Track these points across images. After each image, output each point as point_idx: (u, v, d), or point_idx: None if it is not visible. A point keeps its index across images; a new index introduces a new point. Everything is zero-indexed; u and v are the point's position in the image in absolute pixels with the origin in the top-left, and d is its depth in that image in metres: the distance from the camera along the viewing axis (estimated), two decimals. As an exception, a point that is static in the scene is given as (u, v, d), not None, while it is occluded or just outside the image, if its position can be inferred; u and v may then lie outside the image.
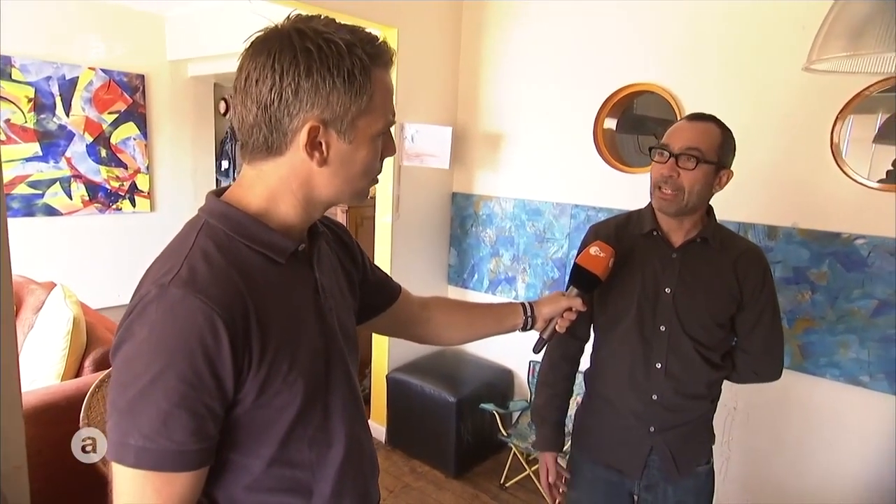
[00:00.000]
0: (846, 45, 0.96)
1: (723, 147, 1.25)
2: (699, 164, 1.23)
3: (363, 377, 3.38)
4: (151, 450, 0.66)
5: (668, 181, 1.25)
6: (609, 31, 2.53)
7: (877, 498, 2.09)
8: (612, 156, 2.63)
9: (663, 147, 1.27)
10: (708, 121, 1.27)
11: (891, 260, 1.99)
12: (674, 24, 2.36)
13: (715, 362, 1.36)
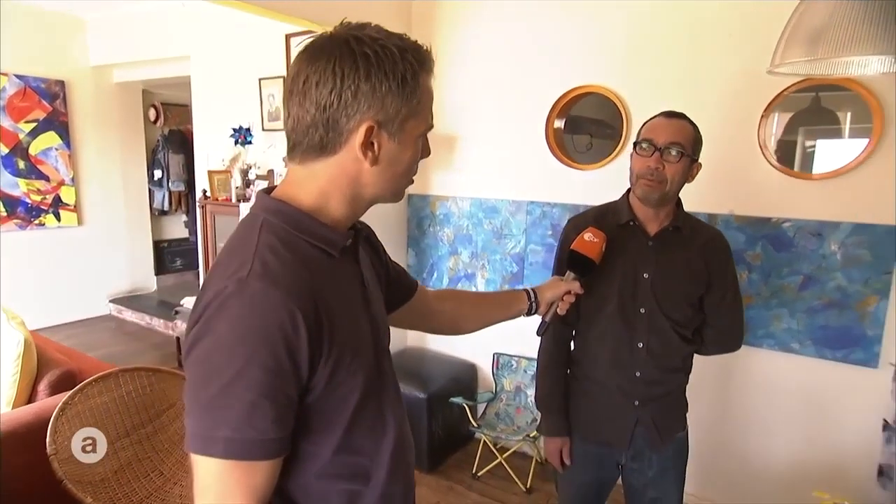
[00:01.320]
0: (801, 51, 1.08)
1: (696, 142, 1.37)
2: (682, 158, 1.33)
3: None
4: (238, 440, 0.67)
5: (654, 173, 1.35)
6: (557, 36, 2.65)
7: (808, 448, 2.32)
8: (563, 154, 2.75)
9: (647, 141, 1.36)
10: (682, 118, 1.39)
11: (812, 239, 2.23)
12: (617, 30, 2.51)
13: (688, 338, 1.48)
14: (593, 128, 3.23)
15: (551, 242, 2.82)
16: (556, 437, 1.57)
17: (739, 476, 2.45)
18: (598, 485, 1.60)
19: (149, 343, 4.74)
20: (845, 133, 2.32)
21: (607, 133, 3.32)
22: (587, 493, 1.60)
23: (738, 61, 2.27)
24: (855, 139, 2.21)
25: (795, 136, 2.36)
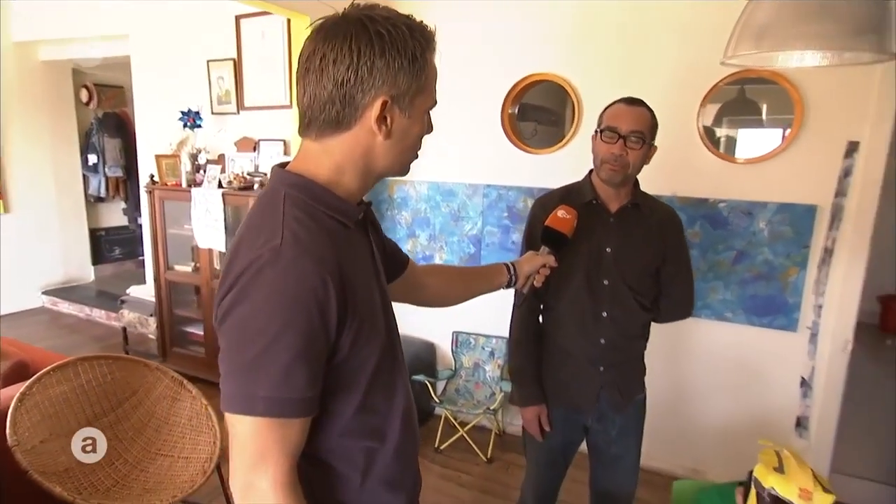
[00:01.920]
0: (751, 44, 1.20)
1: (654, 128, 1.49)
2: (643, 145, 1.44)
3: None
4: (277, 399, 0.71)
5: (618, 159, 1.45)
6: (512, 25, 2.72)
7: (739, 405, 2.55)
8: (518, 139, 2.84)
9: (612, 129, 1.46)
10: (642, 105, 1.49)
11: (744, 218, 2.43)
12: (568, 21, 2.62)
13: (647, 307, 1.61)
14: (539, 115, 3.34)
15: (507, 224, 2.92)
16: (534, 405, 1.64)
17: (682, 435, 2.65)
18: (564, 447, 1.70)
19: (89, 335, 4.51)
20: (765, 122, 2.53)
21: (552, 120, 3.45)
22: (555, 455, 1.71)
23: (680, 55, 2.43)
24: (773, 129, 2.42)
25: (723, 124, 2.56)
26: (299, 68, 0.80)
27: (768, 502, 1.22)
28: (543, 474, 1.74)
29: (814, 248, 2.34)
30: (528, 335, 1.66)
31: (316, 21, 0.80)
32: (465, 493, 2.55)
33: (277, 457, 0.72)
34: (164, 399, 2.24)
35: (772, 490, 1.21)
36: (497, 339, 2.98)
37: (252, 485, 0.72)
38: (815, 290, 2.36)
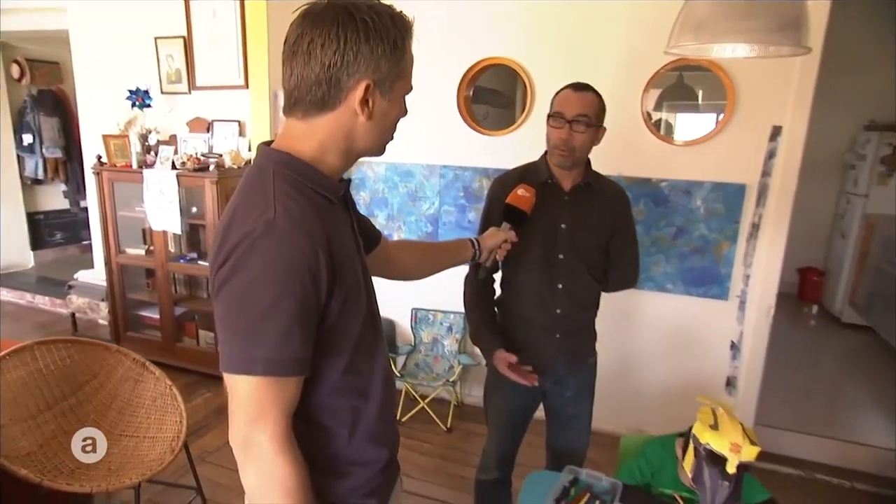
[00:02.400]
0: (690, 37, 1.31)
1: (601, 111, 1.58)
2: (589, 128, 1.53)
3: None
4: (275, 359, 0.76)
5: (565, 144, 1.54)
6: (468, 9, 2.77)
7: (677, 368, 2.76)
8: (473, 121, 2.91)
9: (558, 115, 1.55)
10: (589, 90, 1.58)
11: (682, 196, 2.61)
12: (522, 6, 2.69)
13: (598, 278, 1.72)
14: (491, 98, 3.42)
15: (463, 203, 3.00)
16: (497, 348, 1.67)
17: (628, 398, 2.84)
18: (523, 409, 1.82)
19: (32, 323, 4.31)
20: (701, 108, 2.70)
21: (503, 102, 3.53)
22: (515, 417, 1.82)
23: (625, 43, 2.55)
24: (708, 113, 2.60)
25: (664, 109, 2.72)
26: (285, 51, 0.83)
27: (704, 456, 1.36)
28: (504, 437, 1.85)
29: (743, 223, 2.54)
30: (481, 297, 1.74)
31: (302, 6, 0.83)
32: (427, 461, 2.66)
33: (275, 413, 0.78)
34: (127, 381, 2.22)
35: (707, 445, 1.35)
36: (455, 314, 3.08)
37: (251, 440, 0.78)
38: (743, 262, 2.57)
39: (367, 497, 0.94)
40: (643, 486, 1.53)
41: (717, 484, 1.33)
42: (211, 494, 2.26)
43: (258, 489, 0.79)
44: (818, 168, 4.76)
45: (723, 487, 1.32)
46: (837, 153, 4.81)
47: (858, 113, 4.60)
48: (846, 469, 2.63)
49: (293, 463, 0.78)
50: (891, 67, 4.49)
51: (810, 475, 2.61)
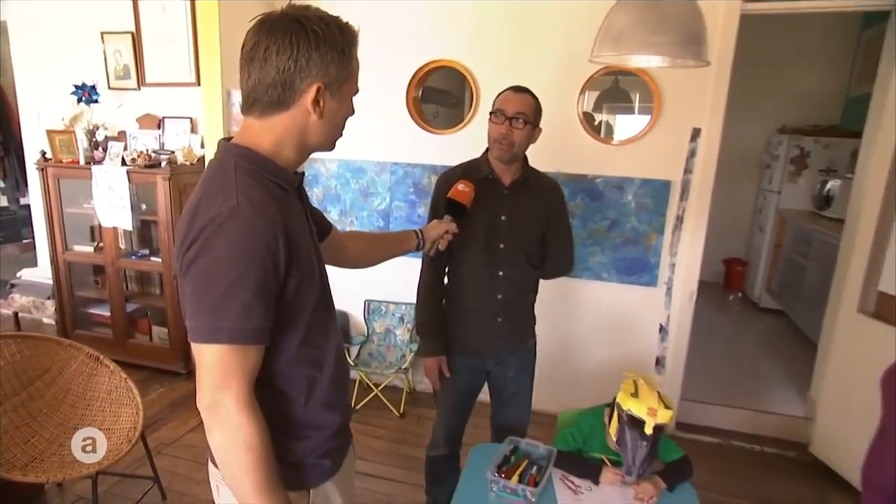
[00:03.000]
0: (610, 47, 1.45)
1: (537, 112, 1.71)
2: (526, 125, 1.66)
3: (203, 340, 3.29)
4: (239, 329, 0.84)
5: (505, 138, 1.66)
6: (417, 12, 2.86)
7: (613, 351, 2.95)
8: (422, 120, 3.01)
9: (500, 112, 1.67)
10: (527, 92, 1.70)
11: (616, 191, 2.79)
12: (467, 11, 2.80)
13: (536, 265, 1.85)
14: (441, 98, 3.52)
15: (413, 199, 3.10)
16: (434, 356, 1.85)
17: (566, 379, 3.01)
18: (469, 389, 1.93)
19: (-31, 324, 4.11)
20: (636, 109, 2.89)
21: (452, 103, 3.65)
22: (462, 397, 1.93)
23: (561, 48, 2.71)
24: (642, 115, 2.79)
25: (603, 110, 2.90)
26: (243, 56, 0.91)
27: (626, 421, 1.51)
28: (452, 416, 1.96)
29: (669, 216, 2.74)
30: (432, 295, 1.85)
31: (257, 16, 0.91)
32: (381, 444, 2.74)
33: (239, 378, 0.85)
34: (80, 375, 2.20)
35: (629, 411, 1.50)
36: (406, 305, 3.17)
37: (218, 402, 0.85)
38: (669, 252, 2.78)
39: (322, 457, 1.03)
40: (576, 451, 1.67)
41: (638, 444, 1.48)
42: (168, 484, 2.28)
43: (224, 447, 0.86)
44: (739, 167, 5.13)
45: (642, 447, 1.48)
46: (756, 153, 5.18)
47: (773, 117, 4.98)
48: (758, 435, 2.89)
49: (255, 423, 0.86)
50: (799, 77, 4.89)
51: (727, 442, 2.85)
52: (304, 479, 1.01)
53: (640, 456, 1.48)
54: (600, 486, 1.55)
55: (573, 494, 1.52)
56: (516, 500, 1.47)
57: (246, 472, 0.85)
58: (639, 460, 1.48)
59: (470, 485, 1.56)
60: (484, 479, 1.51)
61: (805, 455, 2.73)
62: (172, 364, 3.21)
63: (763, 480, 2.56)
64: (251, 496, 0.85)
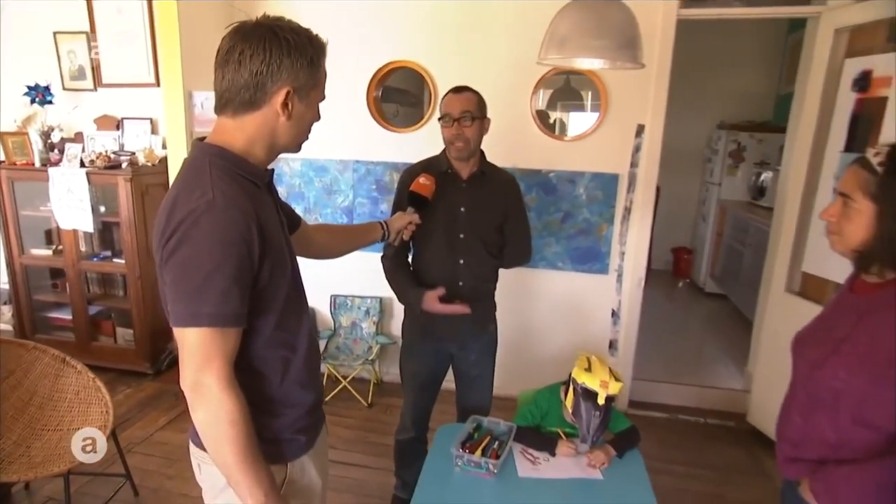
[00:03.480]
0: (555, 50, 1.55)
1: (481, 105, 1.79)
2: (474, 121, 1.74)
3: (169, 339, 3.26)
4: (218, 314, 0.89)
5: (458, 138, 1.74)
6: (376, 14, 2.91)
7: (569, 336, 3.08)
8: (382, 119, 3.06)
9: (446, 115, 1.75)
10: (467, 90, 1.79)
11: (568, 185, 2.92)
12: (423, 13, 2.87)
13: (495, 255, 1.94)
14: (400, 97, 3.59)
15: (376, 196, 3.15)
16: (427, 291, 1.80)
17: (526, 365, 3.11)
18: (435, 374, 2.01)
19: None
20: (587, 107, 3.02)
21: (412, 102, 3.71)
22: (427, 381, 2.01)
23: (512, 49, 2.81)
24: (594, 112, 2.93)
25: (557, 108, 3.02)
26: (218, 59, 0.96)
27: (580, 393, 1.61)
28: (419, 399, 2.04)
29: (618, 207, 2.89)
30: (399, 266, 1.90)
31: (233, 23, 0.97)
32: (350, 433, 2.79)
33: (219, 359, 0.90)
34: (46, 377, 2.17)
35: (583, 384, 1.61)
36: (371, 298, 3.23)
37: (200, 382, 0.90)
38: (619, 241, 2.93)
39: (298, 433, 1.09)
40: (534, 426, 1.77)
41: (592, 414, 1.59)
42: (140, 481, 2.27)
43: (208, 423, 0.91)
44: (684, 160, 5.37)
45: (595, 417, 1.58)
46: (698, 148, 5.44)
47: (713, 114, 5.24)
48: (702, 409, 3.08)
49: (236, 400, 0.91)
50: (735, 77, 5.17)
51: (674, 416, 3.03)
52: (282, 453, 1.07)
53: (594, 425, 1.59)
54: (556, 457, 1.65)
55: (532, 465, 1.62)
56: (480, 472, 1.55)
57: (230, 444, 0.90)
58: (593, 429, 1.59)
59: (436, 461, 1.63)
60: (449, 456, 1.59)
61: (743, 424, 2.93)
62: (139, 365, 3.17)
63: (705, 449, 2.74)
64: (235, 466, 0.91)
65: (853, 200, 1.04)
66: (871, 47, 2.40)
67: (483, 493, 1.51)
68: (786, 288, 2.70)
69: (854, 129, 2.39)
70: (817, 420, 1.11)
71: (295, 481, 1.09)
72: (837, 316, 1.13)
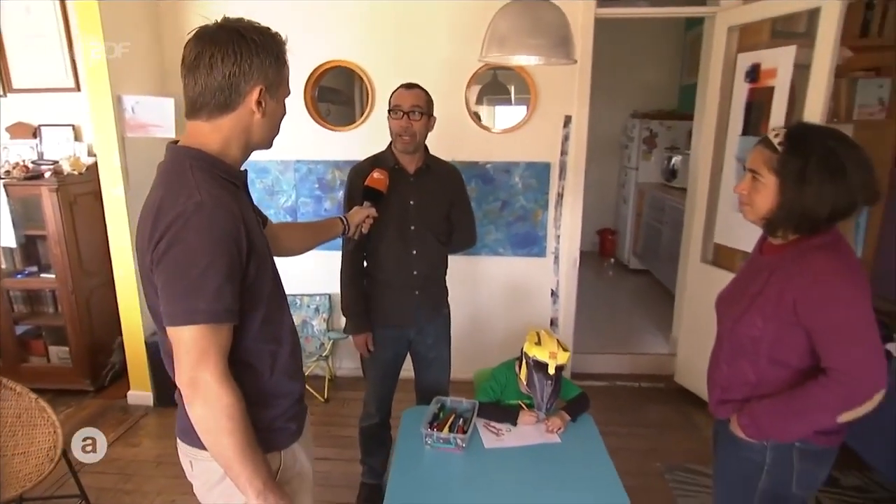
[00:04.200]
0: (496, 49, 1.64)
1: (429, 103, 1.86)
2: (423, 116, 1.81)
3: (110, 353, 3.09)
4: (213, 311, 0.90)
5: (406, 130, 1.80)
6: (314, 14, 2.88)
7: (513, 317, 3.22)
8: (321, 118, 3.05)
9: (397, 108, 1.80)
10: (417, 87, 1.85)
11: (504, 175, 3.04)
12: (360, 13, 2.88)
13: (444, 242, 2.02)
14: (332, 96, 3.57)
15: (319, 195, 3.13)
16: (362, 333, 1.97)
17: (478, 347, 3.20)
18: (395, 359, 2.07)
19: None
20: (514, 101, 3.16)
21: (343, 101, 3.71)
22: (388, 366, 2.06)
23: (448, 47, 2.88)
24: (519, 105, 3.06)
25: (484, 102, 3.13)
26: (186, 66, 0.96)
27: (532, 365, 1.72)
28: (381, 385, 2.09)
29: (551, 194, 3.05)
30: (354, 278, 1.96)
31: (194, 29, 0.97)
32: (311, 429, 2.78)
33: (215, 355, 0.91)
34: (-19, 402, 2.02)
35: (534, 357, 1.72)
36: (320, 296, 3.21)
37: (198, 378, 0.90)
38: (554, 225, 3.09)
39: (288, 422, 1.12)
40: (495, 401, 1.87)
41: (544, 383, 1.70)
42: (96, 499, 2.17)
43: (206, 417, 0.92)
44: (605, 148, 5.69)
45: (548, 386, 1.70)
46: (616, 136, 5.78)
47: (627, 104, 5.58)
48: (636, 374, 3.33)
49: (233, 393, 0.93)
50: (644, 70, 5.55)
51: (613, 383, 3.26)
52: (276, 442, 1.09)
53: (547, 393, 1.70)
54: (518, 427, 1.75)
55: (496, 436, 1.71)
56: (449, 448, 1.63)
57: (228, 437, 0.92)
58: (546, 397, 1.71)
59: (406, 442, 1.69)
60: (418, 437, 1.65)
61: (671, 384, 3.20)
62: (78, 383, 2.98)
63: (641, 410, 2.98)
64: (234, 458, 0.93)
65: (760, 175, 1.20)
66: (757, 43, 2.69)
67: (454, 467, 1.59)
68: (701, 258, 2.97)
69: (749, 114, 2.67)
70: (740, 366, 1.28)
71: (288, 468, 1.12)
72: (751, 275, 1.30)
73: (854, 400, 1.12)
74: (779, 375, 1.22)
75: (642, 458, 2.53)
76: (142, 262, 0.98)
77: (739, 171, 2.66)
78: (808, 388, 1.15)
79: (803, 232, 1.18)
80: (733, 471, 1.32)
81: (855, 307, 1.10)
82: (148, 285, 0.97)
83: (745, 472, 1.29)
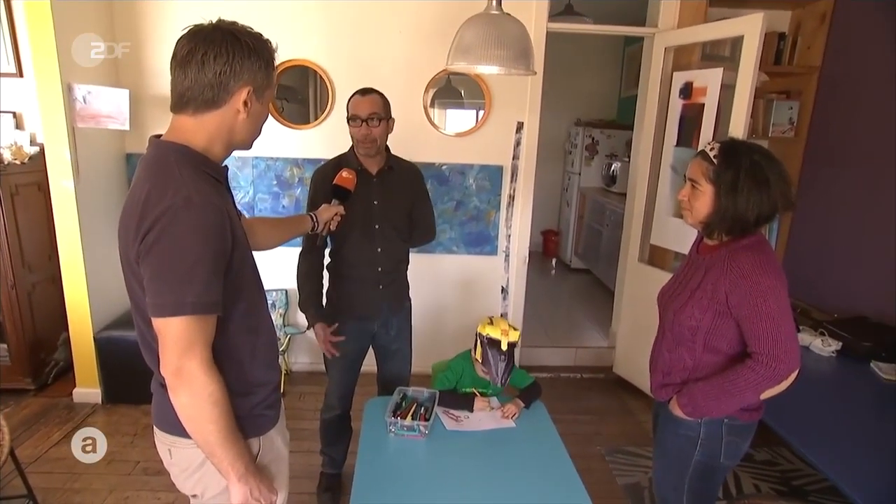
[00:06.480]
0: (462, 58, 1.70)
1: (386, 106, 1.88)
2: (381, 121, 1.83)
3: (54, 350, 2.91)
4: (200, 302, 0.91)
5: (366, 137, 1.82)
6: (273, 11, 2.84)
7: (468, 312, 3.29)
8: (280, 116, 3.00)
9: (355, 117, 1.82)
10: (373, 92, 1.86)
11: (459, 176, 3.11)
12: (322, 14, 2.86)
13: (406, 239, 2.05)
14: (287, 94, 3.52)
15: (277, 191, 3.09)
16: (319, 321, 1.95)
17: (436, 342, 3.24)
18: (358, 351, 2.08)
19: None
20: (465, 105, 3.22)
21: (298, 99, 3.66)
22: (352, 358, 2.07)
23: (408, 51, 2.92)
24: (470, 109, 3.13)
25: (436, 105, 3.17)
26: (177, 60, 0.95)
27: (486, 343, 1.79)
28: (344, 377, 2.10)
29: (503, 196, 3.14)
30: (314, 275, 1.96)
31: (188, 26, 0.97)
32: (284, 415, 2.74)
33: (201, 345, 0.92)
34: (-85, 402, 1.87)
35: (488, 335, 1.79)
36: (276, 291, 3.17)
37: (183, 367, 0.90)
38: (506, 225, 3.19)
39: (268, 409, 1.13)
40: (452, 389, 1.93)
41: (498, 359, 1.78)
42: (43, 499, 2.05)
43: (191, 405, 0.92)
44: (551, 153, 5.89)
45: (502, 361, 1.78)
46: (560, 142, 6.00)
47: (571, 113, 5.81)
48: (578, 366, 3.49)
49: (217, 382, 0.94)
50: (587, 81, 5.79)
51: (557, 375, 3.40)
52: (255, 428, 1.10)
53: (501, 368, 1.78)
54: (475, 413, 1.82)
55: (456, 422, 1.77)
56: (413, 435, 1.67)
57: (212, 423, 0.93)
58: (500, 372, 1.78)
59: (370, 431, 1.72)
60: (382, 426, 1.69)
61: (610, 375, 3.38)
62: (17, 381, 2.79)
63: (583, 399, 3.13)
64: (218, 444, 0.94)
65: (699, 184, 1.32)
66: (689, 63, 2.89)
67: (418, 453, 1.63)
68: (638, 259, 3.15)
69: (682, 128, 2.87)
70: (679, 353, 1.40)
71: (266, 452, 1.13)
72: (690, 272, 1.42)
73: (775, 379, 1.26)
74: (712, 360, 1.35)
75: (585, 442, 2.67)
76: (125, 255, 0.97)
77: (674, 178, 2.86)
78: (737, 370, 1.28)
79: (734, 234, 1.31)
80: (672, 446, 1.45)
81: (776, 299, 1.24)
82: (131, 277, 0.96)
83: (682, 446, 1.41)
